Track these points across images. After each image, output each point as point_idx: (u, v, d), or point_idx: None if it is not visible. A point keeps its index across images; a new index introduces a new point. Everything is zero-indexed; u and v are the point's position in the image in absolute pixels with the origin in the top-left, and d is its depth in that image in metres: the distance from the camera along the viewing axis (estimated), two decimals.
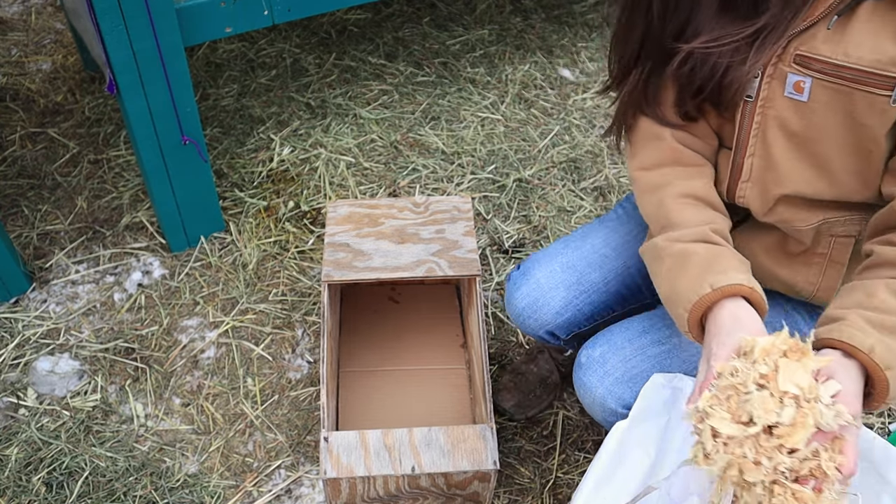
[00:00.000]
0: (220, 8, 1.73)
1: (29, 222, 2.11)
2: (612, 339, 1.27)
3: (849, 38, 0.97)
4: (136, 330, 1.86)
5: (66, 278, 1.97)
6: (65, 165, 2.27)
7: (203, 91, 2.53)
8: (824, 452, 0.87)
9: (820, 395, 0.88)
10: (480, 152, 2.34)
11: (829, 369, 0.91)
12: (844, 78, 0.98)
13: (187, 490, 1.57)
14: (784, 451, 0.86)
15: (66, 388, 1.74)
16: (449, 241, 1.65)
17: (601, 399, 1.24)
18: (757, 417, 0.86)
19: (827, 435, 0.87)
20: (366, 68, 2.63)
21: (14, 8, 2.92)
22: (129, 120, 1.72)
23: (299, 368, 1.80)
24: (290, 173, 2.25)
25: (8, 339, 1.83)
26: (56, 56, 2.67)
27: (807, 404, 0.87)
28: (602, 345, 1.27)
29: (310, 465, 1.62)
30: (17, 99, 2.50)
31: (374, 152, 2.33)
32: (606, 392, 1.23)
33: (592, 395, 1.25)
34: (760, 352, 0.91)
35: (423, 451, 1.40)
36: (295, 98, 2.51)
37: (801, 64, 1.01)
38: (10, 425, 1.68)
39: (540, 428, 1.70)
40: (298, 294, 1.94)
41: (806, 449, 0.86)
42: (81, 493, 1.56)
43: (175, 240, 2.01)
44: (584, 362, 1.27)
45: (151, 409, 1.71)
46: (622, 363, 1.23)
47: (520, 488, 1.59)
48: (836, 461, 0.88)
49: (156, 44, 1.62)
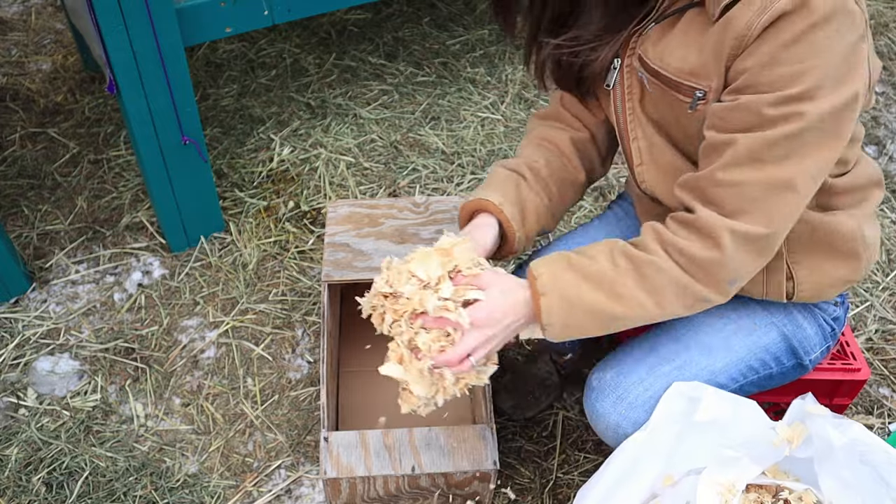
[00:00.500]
0: (220, 8, 1.73)
1: (29, 222, 2.11)
2: (623, 361, 1.24)
3: (666, 43, 1.06)
4: (136, 330, 1.86)
5: (66, 278, 1.97)
6: (65, 165, 2.27)
7: (203, 91, 2.53)
8: (426, 333, 1.14)
9: (441, 288, 1.13)
10: (480, 152, 2.34)
11: (482, 281, 1.13)
12: (661, 80, 1.08)
13: (187, 490, 1.57)
14: (403, 315, 1.15)
15: (66, 388, 1.74)
16: None
17: (614, 425, 1.21)
18: (391, 285, 1.17)
19: (436, 321, 1.12)
20: (366, 68, 2.63)
21: (14, 8, 2.92)
22: (129, 120, 1.72)
23: (299, 368, 1.80)
24: (290, 173, 2.25)
25: (8, 339, 1.83)
26: (56, 56, 2.67)
27: (422, 290, 1.13)
28: (613, 367, 1.24)
29: (310, 465, 1.62)
30: (17, 99, 2.50)
31: (374, 152, 2.33)
32: (621, 417, 1.20)
33: (606, 422, 1.22)
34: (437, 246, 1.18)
35: (424, 451, 1.40)
36: (295, 98, 2.51)
37: (640, 61, 1.10)
38: (10, 425, 1.68)
39: (540, 428, 1.70)
40: (298, 294, 1.94)
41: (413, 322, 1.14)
42: (81, 493, 1.56)
43: (175, 240, 2.01)
44: (595, 385, 1.24)
45: (151, 409, 1.71)
46: (635, 385, 1.20)
47: (520, 488, 1.59)
48: (440, 344, 1.13)
49: (156, 44, 1.62)
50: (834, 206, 1.15)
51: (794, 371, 1.29)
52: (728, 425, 1.13)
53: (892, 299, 1.95)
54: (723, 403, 1.14)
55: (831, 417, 1.13)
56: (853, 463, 1.08)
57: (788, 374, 1.29)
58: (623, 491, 1.14)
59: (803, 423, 1.14)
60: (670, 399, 1.16)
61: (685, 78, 1.04)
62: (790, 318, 1.25)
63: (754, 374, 1.25)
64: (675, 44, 1.05)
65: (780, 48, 0.94)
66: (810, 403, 1.17)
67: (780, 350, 1.26)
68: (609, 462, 1.15)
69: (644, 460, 1.15)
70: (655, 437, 1.15)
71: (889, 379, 1.78)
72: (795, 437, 1.13)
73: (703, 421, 1.13)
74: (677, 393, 1.16)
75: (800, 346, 1.26)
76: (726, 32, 0.97)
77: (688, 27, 1.04)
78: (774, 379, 1.29)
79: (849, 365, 1.50)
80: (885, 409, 1.73)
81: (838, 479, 1.09)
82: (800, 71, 0.94)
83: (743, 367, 1.24)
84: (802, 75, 0.94)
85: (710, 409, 1.13)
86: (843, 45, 0.94)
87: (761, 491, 1.16)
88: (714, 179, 1.01)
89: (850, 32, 0.94)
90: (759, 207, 1.00)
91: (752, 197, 1.00)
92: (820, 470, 1.11)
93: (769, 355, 1.25)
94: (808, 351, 1.28)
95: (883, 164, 2.33)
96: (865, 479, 1.09)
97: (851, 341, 1.55)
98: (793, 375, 1.30)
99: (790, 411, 1.17)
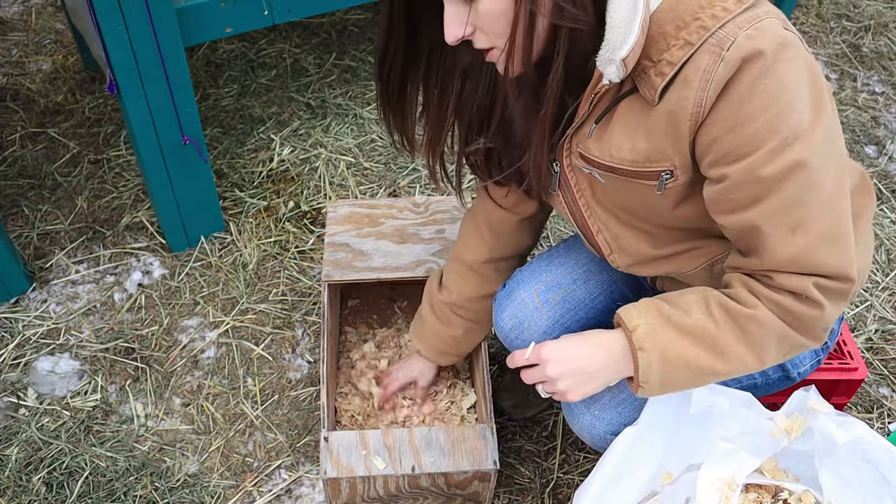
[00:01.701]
0: (220, 8, 1.73)
1: (29, 222, 2.11)
2: None
3: (609, 138, 1.02)
4: (137, 330, 1.86)
5: (66, 278, 1.97)
6: (65, 165, 2.27)
7: (203, 91, 2.53)
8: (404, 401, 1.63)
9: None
10: None
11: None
12: (618, 172, 1.04)
13: (187, 490, 1.57)
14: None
15: (67, 388, 1.74)
16: (449, 242, 1.65)
17: (589, 426, 1.22)
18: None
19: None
20: (366, 68, 2.63)
21: (14, 8, 2.92)
22: (130, 120, 1.72)
23: (299, 368, 1.80)
24: (290, 173, 2.25)
25: (8, 339, 1.83)
26: (56, 56, 2.67)
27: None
28: None
29: (310, 465, 1.62)
30: (18, 99, 2.50)
31: (374, 152, 2.34)
32: (594, 418, 1.21)
33: (581, 423, 1.23)
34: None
35: (424, 451, 1.40)
36: (295, 98, 2.51)
37: (583, 159, 1.07)
38: (11, 425, 1.68)
39: (540, 428, 1.70)
40: (298, 294, 1.94)
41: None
42: (81, 493, 1.56)
43: (175, 240, 2.01)
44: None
45: (151, 409, 1.71)
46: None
47: (520, 488, 1.59)
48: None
49: (156, 44, 1.62)
50: None
51: (779, 383, 1.27)
52: (724, 417, 1.13)
53: (891, 299, 1.95)
54: (716, 395, 1.13)
55: (834, 414, 1.12)
56: (855, 461, 1.08)
57: (774, 385, 1.27)
58: (619, 489, 1.14)
59: (803, 415, 1.14)
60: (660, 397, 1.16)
61: (644, 165, 1.00)
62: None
63: (737, 385, 1.23)
64: (618, 136, 1.01)
65: (739, 107, 0.90)
66: (813, 398, 1.16)
67: None
68: (602, 461, 1.14)
69: (638, 457, 1.14)
70: (648, 432, 1.15)
71: (889, 379, 1.78)
72: (795, 429, 1.13)
73: (698, 413, 1.13)
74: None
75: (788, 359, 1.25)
76: (676, 116, 0.93)
77: (626, 116, 1.00)
78: (759, 389, 1.26)
79: (846, 364, 1.50)
80: (885, 408, 1.73)
81: (839, 476, 1.09)
82: (772, 117, 0.90)
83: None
84: (777, 120, 0.90)
85: (704, 401, 1.12)
86: (798, 67, 0.90)
87: (761, 491, 1.16)
88: (772, 261, 0.97)
89: (798, 55, 0.91)
90: (825, 263, 0.96)
91: (815, 261, 0.95)
92: (821, 467, 1.10)
93: None
94: (797, 364, 1.26)
95: (883, 163, 2.34)
96: (867, 477, 1.09)
97: (849, 341, 1.55)
98: (778, 387, 1.28)
99: (790, 401, 1.16)
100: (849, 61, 2.73)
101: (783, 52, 0.89)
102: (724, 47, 0.88)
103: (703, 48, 0.90)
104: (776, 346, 1.01)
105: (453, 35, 0.96)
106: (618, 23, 0.90)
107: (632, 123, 1.00)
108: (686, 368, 1.01)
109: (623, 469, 1.14)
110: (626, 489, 1.15)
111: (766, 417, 1.14)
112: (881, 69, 2.69)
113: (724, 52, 0.88)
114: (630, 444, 1.14)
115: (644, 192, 1.04)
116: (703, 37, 0.89)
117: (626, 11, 0.90)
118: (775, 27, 0.90)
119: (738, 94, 0.90)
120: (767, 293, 0.98)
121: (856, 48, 2.78)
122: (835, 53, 2.76)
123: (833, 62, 2.72)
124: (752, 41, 0.88)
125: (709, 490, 1.06)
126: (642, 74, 0.95)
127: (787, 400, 1.17)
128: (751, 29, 0.88)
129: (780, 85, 0.89)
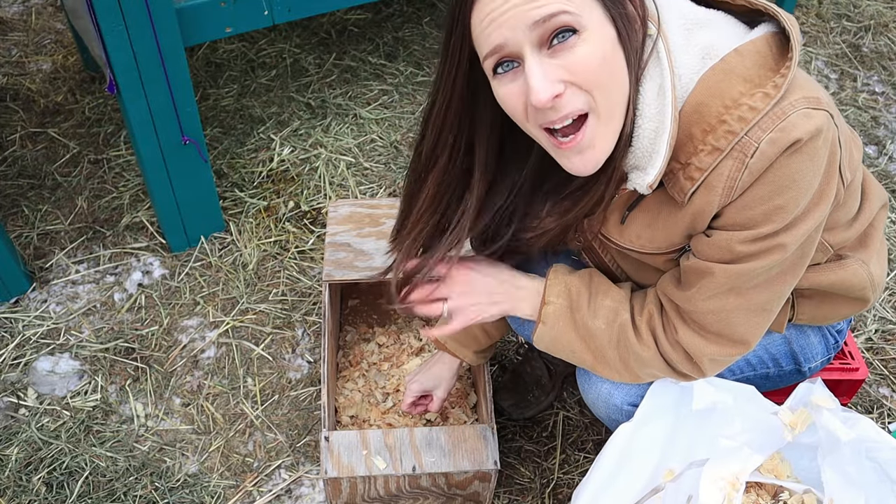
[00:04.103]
0: (220, 8, 1.73)
1: (29, 222, 2.11)
2: None
3: (630, 228, 1.07)
4: (137, 330, 1.86)
5: (67, 278, 1.97)
6: (65, 165, 2.27)
7: (203, 91, 2.53)
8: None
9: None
10: None
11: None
12: (638, 253, 1.10)
13: (187, 490, 1.57)
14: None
15: (67, 388, 1.74)
16: None
17: (606, 395, 1.22)
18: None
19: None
20: (366, 68, 2.63)
21: (14, 8, 2.92)
22: (130, 120, 1.72)
23: (299, 368, 1.80)
24: (290, 173, 2.25)
25: (8, 339, 1.83)
26: (56, 56, 2.67)
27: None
28: None
29: (310, 465, 1.62)
30: (18, 99, 2.50)
31: (374, 152, 2.33)
32: (613, 386, 1.22)
33: (598, 391, 1.24)
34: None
35: (424, 451, 1.40)
36: (295, 98, 2.51)
37: (604, 239, 1.13)
38: (11, 425, 1.68)
39: (540, 428, 1.70)
40: (298, 294, 1.94)
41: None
42: (81, 493, 1.56)
43: (175, 240, 2.01)
44: None
45: (151, 409, 1.71)
46: None
47: (520, 488, 1.59)
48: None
49: (156, 44, 1.62)
50: (844, 256, 1.16)
51: (791, 376, 1.30)
52: (727, 413, 1.13)
53: (892, 299, 1.95)
54: (720, 391, 1.13)
55: (839, 411, 1.12)
56: (859, 458, 1.07)
57: (785, 378, 1.30)
58: (617, 486, 1.13)
59: (807, 409, 1.13)
60: (659, 389, 1.15)
61: (665, 249, 1.06)
62: (796, 324, 1.25)
63: (751, 371, 1.26)
64: (638, 226, 1.06)
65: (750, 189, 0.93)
66: (818, 393, 1.15)
67: (781, 353, 1.26)
68: (599, 458, 1.14)
69: (637, 453, 1.14)
70: (647, 428, 1.14)
71: (889, 379, 1.78)
72: (800, 423, 1.12)
73: (700, 409, 1.12)
74: (668, 382, 1.15)
75: (801, 352, 1.26)
76: (700, 216, 0.98)
77: (649, 210, 1.04)
78: (771, 380, 1.29)
79: (847, 364, 1.50)
80: (885, 408, 1.73)
81: (842, 473, 1.08)
82: (773, 208, 0.93)
83: (741, 360, 1.24)
84: (776, 212, 0.93)
85: (706, 397, 1.13)
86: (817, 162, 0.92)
87: (761, 491, 1.15)
88: (695, 304, 1.04)
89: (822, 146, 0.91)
90: (736, 330, 1.04)
91: (731, 322, 1.03)
92: (823, 463, 1.09)
93: (768, 355, 1.25)
94: (809, 359, 1.28)
95: (883, 163, 2.34)
96: (870, 474, 1.08)
97: (850, 341, 1.54)
98: (789, 381, 1.31)
99: (794, 395, 1.16)
100: (849, 61, 2.73)
101: (807, 146, 0.90)
102: (748, 154, 0.90)
103: (729, 154, 0.91)
104: (651, 376, 1.13)
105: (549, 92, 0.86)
106: (647, 132, 0.93)
107: (654, 216, 1.04)
108: (571, 354, 1.16)
109: (621, 466, 1.14)
110: (625, 486, 1.14)
111: (770, 412, 1.14)
112: (881, 69, 2.69)
113: (747, 159, 0.90)
114: (627, 440, 1.14)
115: (657, 260, 1.11)
116: (730, 142, 0.91)
117: (654, 122, 0.93)
118: (801, 122, 0.90)
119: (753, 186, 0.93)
120: (664, 344, 1.07)
121: (856, 48, 2.78)
122: (835, 53, 2.76)
123: (833, 62, 2.72)
124: (774, 146, 0.89)
125: (712, 489, 1.05)
126: (670, 175, 0.97)
127: (792, 393, 1.17)
128: (775, 131, 0.89)
129: (791, 180, 0.91)
